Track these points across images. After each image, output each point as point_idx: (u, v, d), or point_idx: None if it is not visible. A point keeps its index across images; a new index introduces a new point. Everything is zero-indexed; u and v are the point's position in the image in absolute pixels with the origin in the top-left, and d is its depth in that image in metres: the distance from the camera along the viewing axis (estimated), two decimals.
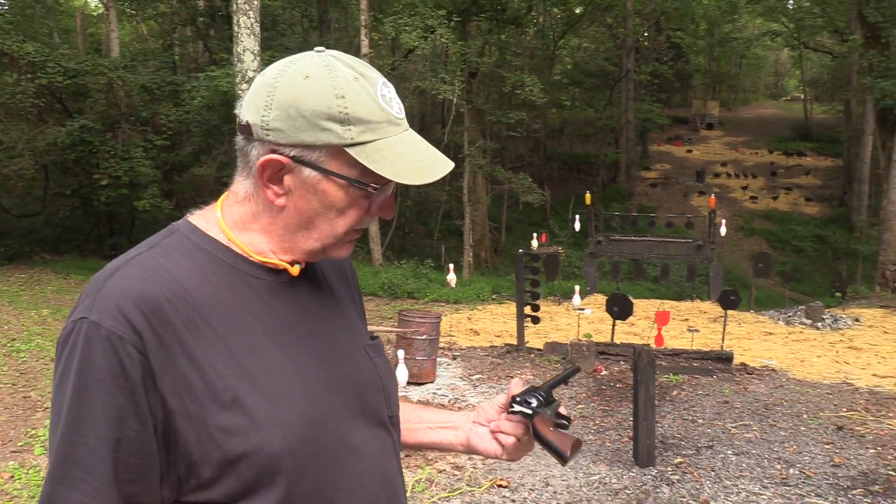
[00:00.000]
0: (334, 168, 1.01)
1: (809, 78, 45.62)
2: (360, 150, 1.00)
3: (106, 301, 0.96)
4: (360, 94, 1.00)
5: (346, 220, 1.05)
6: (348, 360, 1.14)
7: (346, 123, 0.99)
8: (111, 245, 18.95)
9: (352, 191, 1.03)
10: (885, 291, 14.40)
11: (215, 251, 1.06)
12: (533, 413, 1.24)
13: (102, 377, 0.93)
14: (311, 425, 1.03)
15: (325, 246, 1.07)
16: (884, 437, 5.55)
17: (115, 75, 16.18)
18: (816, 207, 30.11)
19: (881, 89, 15.80)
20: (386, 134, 1.02)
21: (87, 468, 0.94)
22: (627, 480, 4.67)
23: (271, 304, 1.06)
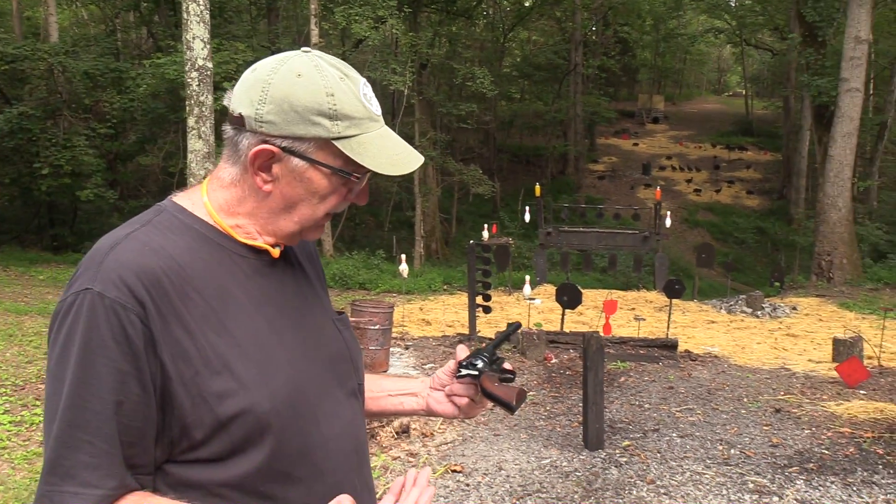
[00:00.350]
0: (321, 158, 1.11)
1: (751, 74, 46.86)
2: (346, 143, 1.11)
3: (109, 273, 1.02)
4: (346, 93, 1.11)
5: (327, 205, 1.16)
6: (321, 333, 1.25)
7: (335, 119, 1.10)
8: (52, 236, 18.44)
9: (335, 179, 1.13)
10: (820, 281, 14.97)
11: (203, 230, 1.14)
12: (479, 373, 1.36)
13: (107, 344, 1.00)
14: (294, 390, 1.12)
15: (303, 228, 1.17)
16: (818, 418, 5.82)
17: (55, 61, 15.70)
18: (757, 200, 31.02)
19: (817, 86, 16.38)
20: (368, 129, 1.14)
21: (92, 431, 1.00)
22: (577, 463, 4.81)
23: (255, 280, 1.16)
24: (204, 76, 9.13)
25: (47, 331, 1.09)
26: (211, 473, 1.07)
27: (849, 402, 6.26)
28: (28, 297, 10.58)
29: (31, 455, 4.71)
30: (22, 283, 12.21)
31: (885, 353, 8.35)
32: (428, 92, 21.25)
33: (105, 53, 18.51)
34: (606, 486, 4.43)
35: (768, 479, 4.53)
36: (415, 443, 5.15)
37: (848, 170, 15.10)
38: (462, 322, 9.91)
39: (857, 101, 14.95)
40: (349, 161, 1.11)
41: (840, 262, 15.03)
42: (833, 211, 15.13)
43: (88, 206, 17.66)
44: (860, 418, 5.80)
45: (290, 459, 1.12)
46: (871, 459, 4.87)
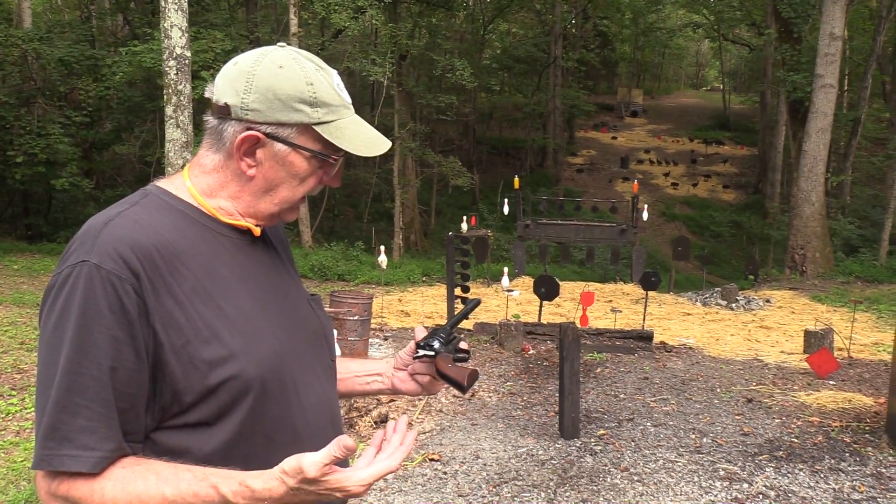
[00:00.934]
0: (302, 143, 1.21)
1: (728, 69, 47.24)
2: (325, 128, 1.21)
3: (105, 246, 1.08)
4: (323, 83, 1.22)
5: (305, 187, 1.25)
6: (298, 310, 1.33)
7: (315, 106, 1.20)
8: (26, 225, 18.20)
9: (313, 162, 1.23)
10: (794, 274, 15.20)
11: (188, 211, 1.22)
12: (435, 354, 1.44)
13: (104, 312, 1.06)
14: (277, 359, 1.20)
15: (282, 210, 1.26)
16: (788, 407, 5.94)
17: (29, 47, 15.47)
18: (733, 194, 31.35)
19: (792, 82, 16.58)
20: (343, 116, 1.24)
21: (90, 396, 1.05)
22: (553, 452, 4.88)
23: (237, 258, 1.24)
24: (182, 65, 9.07)
25: (40, 303, 1.13)
26: (197, 439, 1.14)
27: (818, 393, 6.40)
28: (2, 287, 10.47)
29: (8, 445, 4.69)
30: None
31: (855, 344, 8.53)
32: (407, 83, 21.20)
33: (80, 40, 18.23)
34: (581, 473, 4.51)
35: (739, 466, 4.63)
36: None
37: (821, 165, 15.33)
38: (441, 313, 9.96)
39: (832, 97, 15.17)
40: (327, 145, 1.21)
41: (813, 256, 15.27)
42: (806, 205, 15.36)
43: (63, 195, 17.43)
44: (829, 408, 5.94)
45: (272, 423, 1.19)
46: (838, 447, 4.99)
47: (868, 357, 8.06)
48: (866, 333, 9.35)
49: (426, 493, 4.20)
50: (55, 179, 15.34)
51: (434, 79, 25.07)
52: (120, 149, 18.82)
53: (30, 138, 15.13)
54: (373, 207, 24.56)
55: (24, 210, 18.82)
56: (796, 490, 4.28)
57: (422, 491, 4.23)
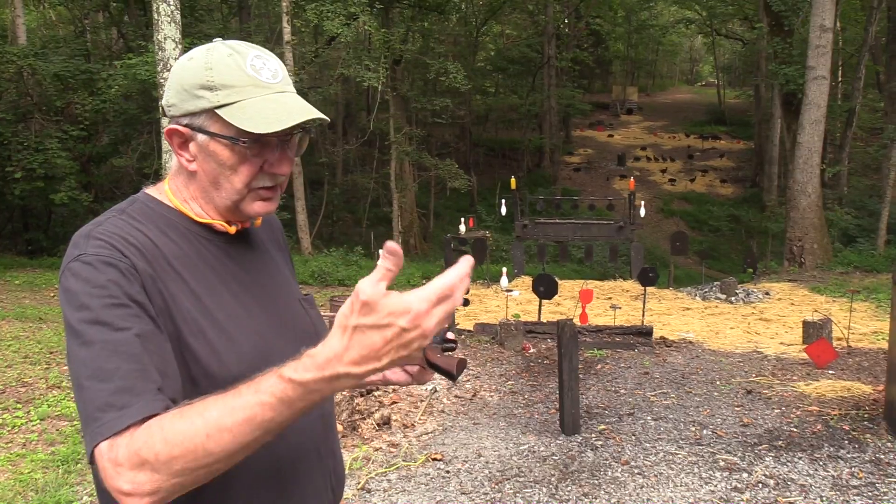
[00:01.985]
0: (215, 129, 1.20)
1: (722, 64, 47.38)
2: (227, 110, 1.18)
3: (98, 241, 1.14)
4: (227, 66, 1.20)
5: (240, 176, 1.22)
6: (286, 310, 1.35)
7: (214, 90, 1.19)
8: (27, 240, 18.24)
9: (237, 149, 1.21)
10: (792, 266, 15.24)
11: (170, 215, 1.26)
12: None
13: (110, 286, 1.10)
14: (261, 357, 1.21)
15: (234, 202, 1.26)
16: (787, 398, 5.99)
17: (24, 63, 15.53)
18: (731, 188, 31.42)
19: (785, 75, 16.64)
20: (250, 95, 1.19)
21: (118, 360, 1.05)
22: (555, 448, 4.93)
23: (221, 260, 1.27)
24: None
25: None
26: None
27: (817, 382, 6.45)
28: (4, 303, 10.52)
29: (15, 457, 4.74)
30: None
31: (854, 334, 8.57)
32: (402, 88, 21.29)
33: (75, 55, 18.32)
34: (582, 468, 4.55)
35: (738, 456, 4.68)
36: (396, 434, 5.24)
37: (816, 156, 15.38)
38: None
39: (824, 89, 15.22)
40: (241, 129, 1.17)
41: (811, 248, 15.32)
42: (803, 197, 15.41)
43: (63, 209, 17.50)
44: (828, 397, 5.98)
45: None
46: (837, 435, 5.03)
47: (867, 346, 8.10)
48: (865, 322, 9.39)
49: (429, 492, 4.24)
50: (54, 194, 15.40)
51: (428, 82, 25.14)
52: (117, 161, 18.89)
53: (28, 154, 15.19)
54: (371, 212, 24.62)
55: (23, 225, 18.87)
56: (795, 478, 4.32)
57: (425, 490, 4.28)
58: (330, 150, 25.40)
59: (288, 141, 1.25)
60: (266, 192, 1.27)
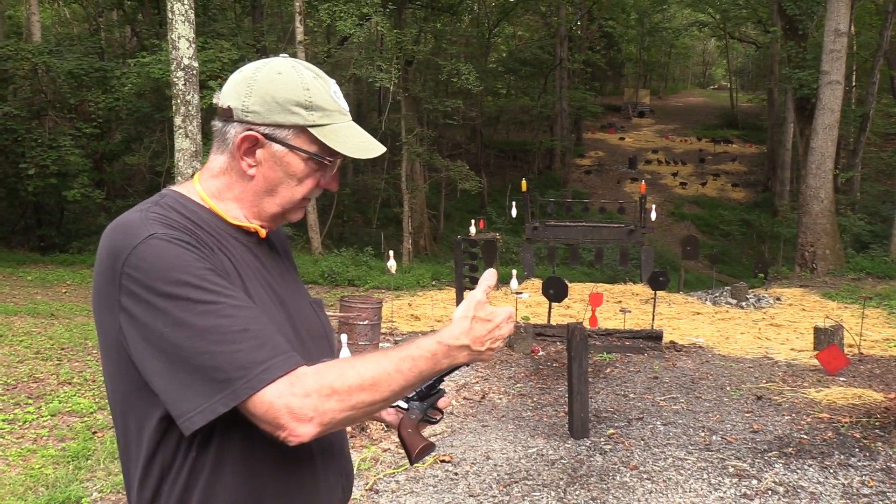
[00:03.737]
0: (298, 144, 1.29)
1: (735, 67, 47.17)
2: (320, 130, 1.29)
3: (157, 223, 1.18)
4: (319, 90, 1.31)
5: (304, 188, 1.33)
6: (303, 311, 1.41)
7: (311, 109, 1.29)
8: (39, 237, 18.36)
9: (311, 163, 1.31)
10: (804, 272, 15.15)
11: (202, 213, 1.29)
12: (408, 409, 1.44)
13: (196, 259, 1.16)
14: (296, 348, 1.25)
15: (284, 210, 1.34)
16: (798, 404, 5.96)
17: (39, 61, 15.63)
18: (742, 193, 31.25)
19: (798, 79, 16.55)
20: (338, 120, 1.32)
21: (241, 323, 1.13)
22: (563, 451, 4.92)
23: (247, 258, 1.32)
24: (190, 75, 9.17)
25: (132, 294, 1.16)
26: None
27: (828, 389, 6.41)
28: (17, 298, 10.59)
29: (26, 452, 4.77)
30: (10, 283, 12.20)
31: (866, 340, 8.52)
32: (414, 88, 21.29)
33: (89, 53, 18.44)
34: (591, 472, 4.54)
35: (748, 463, 4.66)
36: None
37: (830, 161, 15.28)
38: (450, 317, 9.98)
39: (838, 93, 15.13)
40: (323, 147, 1.30)
41: (823, 253, 15.23)
42: (815, 202, 15.31)
43: (75, 206, 17.60)
44: (839, 404, 5.95)
45: None
46: (848, 443, 5.00)
47: (879, 353, 8.05)
48: (877, 329, 9.33)
49: (437, 494, 4.24)
50: (67, 191, 15.49)
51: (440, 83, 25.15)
52: (130, 159, 19.00)
53: (41, 150, 15.29)
54: (382, 213, 24.64)
55: (36, 222, 18.99)
56: (805, 486, 4.30)
57: (433, 492, 4.28)
58: None
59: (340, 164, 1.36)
60: (306, 202, 1.37)
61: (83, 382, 6.25)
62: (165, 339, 1.11)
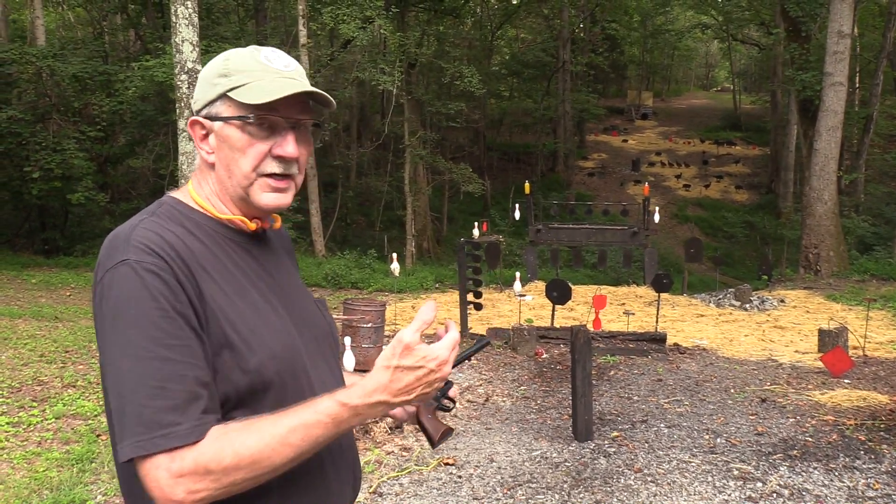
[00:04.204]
0: (228, 113, 1.28)
1: (738, 69, 47.12)
2: (237, 91, 1.26)
3: (138, 246, 1.17)
4: (242, 57, 1.30)
5: (249, 158, 1.28)
6: (306, 311, 1.40)
7: (229, 76, 1.28)
8: (43, 240, 18.41)
9: (248, 130, 1.27)
10: (808, 274, 15.11)
11: (195, 217, 1.30)
12: None
13: (156, 298, 1.13)
14: (291, 355, 1.27)
15: (244, 189, 1.29)
16: (803, 407, 5.94)
17: (43, 64, 15.67)
18: (746, 195, 31.20)
19: (802, 81, 16.51)
20: (260, 77, 1.27)
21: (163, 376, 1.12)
22: (567, 454, 4.91)
23: (246, 260, 1.31)
24: (193, 79, 9.18)
25: (94, 314, 1.21)
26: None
27: (833, 391, 6.39)
28: (21, 301, 10.61)
29: (30, 455, 4.77)
30: (14, 286, 12.23)
31: (871, 342, 8.49)
32: (417, 91, 21.31)
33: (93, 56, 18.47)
34: (595, 475, 4.53)
35: (753, 465, 4.64)
36: (408, 438, 5.24)
37: (833, 163, 15.26)
38: (454, 319, 9.99)
39: (842, 95, 15.10)
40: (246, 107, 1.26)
41: (827, 255, 15.19)
42: (819, 204, 15.29)
43: (79, 209, 17.64)
44: (844, 406, 5.93)
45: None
46: (853, 445, 4.99)
47: (883, 355, 8.03)
48: (882, 331, 9.30)
49: (441, 497, 4.24)
50: (71, 194, 15.52)
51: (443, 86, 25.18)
52: (134, 162, 19.04)
53: (45, 154, 15.31)
54: (385, 215, 24.65)
55: (41, 225, 19.04)
56: (810, 488, 4.28)
57: (437, 495, 4.27)
58: (344, 152, 25.48)
59: (298, 128, 1.30)
60: (276, 182, 1.29)
61: (87, 385, 6.26)
62: (104, 365, 1.15)
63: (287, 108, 1.28)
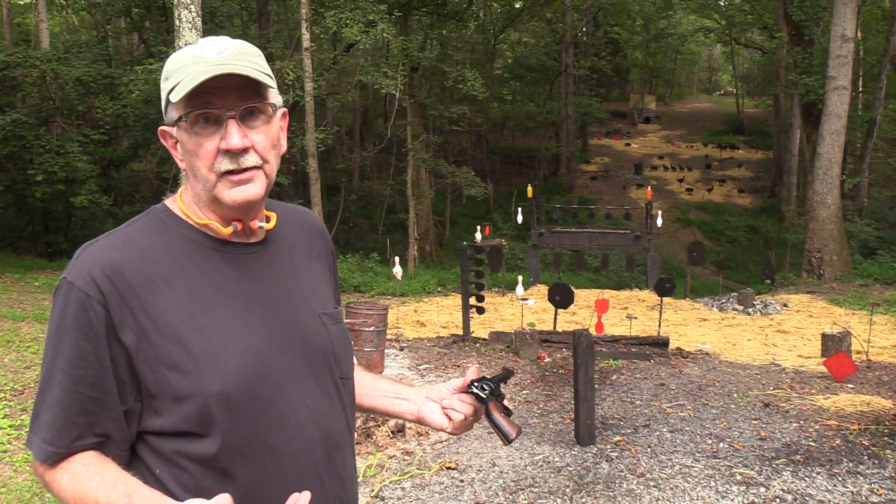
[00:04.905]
0: (174, 116, 1.24)
1: (741, 73, 47.13)
2: (173, 92, 1.20)
3: (80, 266, 1.20)
4: (180, 54, 1.24)
5: (203, 160, 1.23)
6: (298, 324, 1.31)
7: (168, 77, 1.23)
8: (47, 242, 18.43)
9: (193, 130, 1.22)
10: (811, 278, 15.09)
11: (178, 227, 1.27)
12: (487, 398, 1.45)
13: (72, 326, 1.17)
14: (250, 375, 1.21)
15: (210, 191, 1.25)
16: (806, 411, 5.92)
17: (47, 68, 15.70)
18: (749, 199, 31.17)
19: (805, 85, 16.53)
20: (188, 73, 1.19)
21: (54, 396, 1.19)
22: (569, 458, 4.90)
23: (227, 271, 1.26)
24: None
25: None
26: (179, 446, 1.19)
27: (836, 396, 6.38)
28: (24, 304, 10.62)
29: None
30: (17, 289, 12.24)
31: (874, 347, 8.47)
32: (419, 95, 21.34)
33: (97, 60, 18.51)
34: (597, 479, 4.52)
35: (756, 470, 4.63)
36: (410, 441, 5.23)
37: (836, 167, 15.24)
38: (456, 323, 9.99)
39: (845, 99, 15.10)
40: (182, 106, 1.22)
41: (830, 259, 15.17)
42: (822, 208, 15.27)
43: (83, 212, 17.66)
44: (847, 411, 5.91)
45: (244, 438, 1.20)
46: (856, 450, 4.97)
47: (887, 360, 8.01)
48: (885, 336, 9.28)
49: (443, 501, 4.23)
50: (74, 197, 15.54)
51: (446, 90, 25.20)
52: (137, 166, 19.05)
53: (49, 157, 15.34)
54: (387, 219, 24.66)
55: (44, 228, 19.07)
56: (814, 493, 4.27)
57: (439, 499, 4.27)
58: (347, 156, 25.50)
59: (245, 117, 1.22)
60: (236, 177, 1.22)
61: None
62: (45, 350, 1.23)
63: (223, 97, 1.19)
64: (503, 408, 1.47)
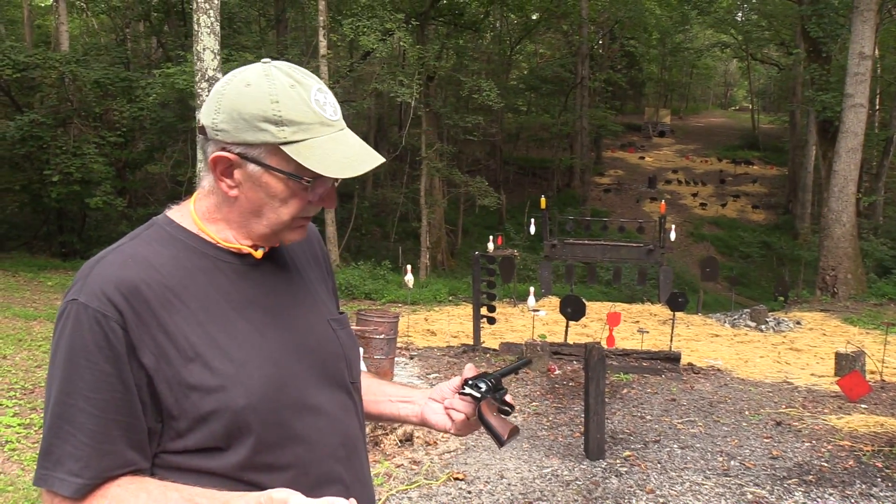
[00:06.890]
0: (273, 163, 1.17)
1: (757, 89, 46.95)
2: (293, 147, 1.15)
3: (92, 285, 1.13)
4: (293, 100, 1.16)
5: (289, 208, 1.20)
6: (312, 332, 1.30)
7: (280, 125, 1.15)
8: (61, 243, 18.58)
9: (291, 183, 1.18)
10: (825, 296, 14.97)
11: (187, 240, 1.23)
12: (481, 397, 1.41)
13: (90, 349, 1.11)
14: (273, 386, 1.19)
15: (274, 231, 1.23)
16: (818, 431, 5.85)
17: (66, 69, 15.87)
18: (763, 215, 31.02)
19: (822, 101, 16.44)
20: (318, 134, 1.17)
21: (76, 425, 1.10)
22: (578, 472, 4.86)
23: (238, 284, 1.23)
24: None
25: None
26: (199, 462, 1.16)
27: (849, 416, 6.30)
28: (37, 303, 10.69)
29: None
30: (31, 288, 12.33)
31: (888, 367, 8.37)
32: (435, 104, 21.39)
33: (115, 63, 18.72)
34: (606, 494, 4.48)
35: (767, 490, 4.57)
36: (418, 451, 5.21)
37: (852, 185, 15.14)
38: (467, 333, 9.97)
39: (862, 117, 15.01)
40: (302, 165, 1.15)
41: (844, 277, 15.05)
42: (837, 226, 15.16)
43: (97, 213, 17.82)
44: (860, 432, 5.84)
45: (272, 451, 1.18)
46: (869, 472, 4.90)
47: None
48: None
49: None
50: (89, 198, 15.67)
51: (461, 99, 25.25)
52: (152, 168, 19.23)
53: (66, 158, 15.49)
54: (400, 227, 24.69)
55: (58, 228, 19.23)
56: None
57: None
58: None
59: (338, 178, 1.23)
60: (304, 221, 1.26)
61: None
62: (49, 379, 1.16)
63: None
64: (500, 406, 1.42)
